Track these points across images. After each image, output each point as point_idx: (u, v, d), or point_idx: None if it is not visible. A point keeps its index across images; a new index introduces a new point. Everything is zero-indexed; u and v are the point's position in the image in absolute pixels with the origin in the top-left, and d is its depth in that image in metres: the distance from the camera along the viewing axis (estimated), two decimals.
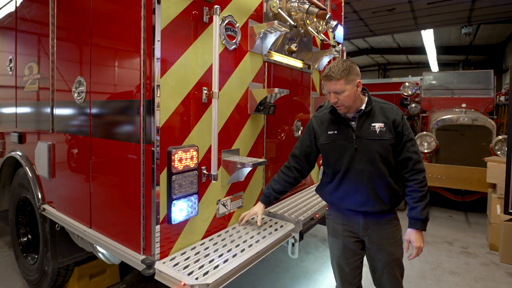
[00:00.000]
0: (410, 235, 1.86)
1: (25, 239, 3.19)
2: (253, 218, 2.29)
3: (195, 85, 1.87)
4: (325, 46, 3.34)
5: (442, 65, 16.57)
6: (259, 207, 2.20)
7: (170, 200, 1.73)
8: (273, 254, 3.88)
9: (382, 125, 1.82)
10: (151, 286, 3.15)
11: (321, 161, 3.56)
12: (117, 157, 1.90)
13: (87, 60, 2.06)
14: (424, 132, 5.27)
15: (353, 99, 1.82)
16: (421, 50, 13.84)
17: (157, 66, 1.63)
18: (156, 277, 1.66)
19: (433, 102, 6.32)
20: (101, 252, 2.21)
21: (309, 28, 2.74)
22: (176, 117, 1.77)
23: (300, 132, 3.04)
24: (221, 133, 2.07)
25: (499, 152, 4.67)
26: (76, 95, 2.13)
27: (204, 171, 1.95)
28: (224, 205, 2.16)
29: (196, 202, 1.87)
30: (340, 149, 1.90)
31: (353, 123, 1.88)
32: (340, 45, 3.56)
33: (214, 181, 1.91)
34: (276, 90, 2.20)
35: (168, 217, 1.74)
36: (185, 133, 1.84)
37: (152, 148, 1.66)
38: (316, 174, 3.48)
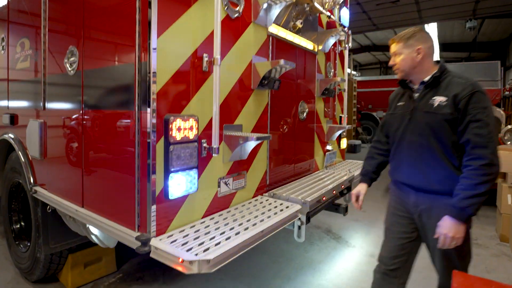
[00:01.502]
0: (442, 220, 1.68)
1: (18, 226, 3.05)
2: (261, 203, 2.16)
3: (195, 51, 1.74)
4: (331, 27, 3.21)
5: (444, 62, 16.37)
6: (361, 186, 2.15)
7: (167, 173, 1.60)
8: (276, 245, 3.76)
9: (443, 99, 1.71)
10: (148, 276, 3.02)
11: (327, 147, 3.44)
12: (110, 129, 1.77)
13: (79, 28, 1.93)
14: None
15: (410, 65, 1.79)
16: None
17: (153, 26, 1.50)
18: (151, 255, 1.53)
19: None
20: (94, 234, 2.08)
21: (315, 3, 2.61)
22: (174, 84, 1.64)
23: (305, 114, 2.91)
24: (222, 106, 1.93)
25: (508, 142, 4.56)
26: (68, 66, 2.00)
27: (205, 145, 1.81)
28: (226, 183, 2.02)
29: (196, 178, 1.73)
30: (399, 119, 1.90)
31: (416, 94, 1.84)
32: (345, 29, 3.43)
33: (215, 155, 1.78)
34: (282, 61, 2.06)
35: (165, 192, 1.61)
36: (184, 101, 1.71)
37: (148, 115, 1.53)
38: (321, 160, 3.34)
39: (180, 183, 1.65)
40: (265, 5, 2.17)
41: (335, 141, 3.63)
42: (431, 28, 10.94)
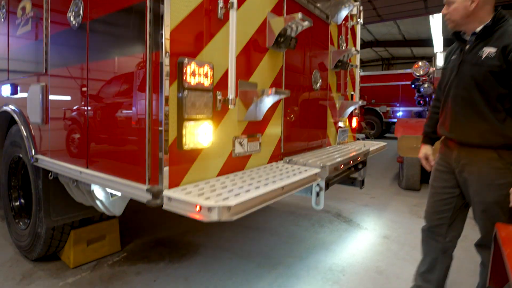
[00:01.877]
0: None
1: (18, 203, 2.92)
2: (277, 167, 2.04)
3: None
4: None
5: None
6: (426, 148, 2.15)
7: (181, 120, 1.47)
8: (285, 227, 3.62)
9: (493, 50, 1.63)
10: (154, 255, 2.88)
11: (339, 123, 3.32)
12: (119, 77, 1.64)
13: None
14: None
15: (462, 15, 1.71)
16: (426, 42, 13.61)
17: None
18: (164, 207, 1.40)
19: None
20: (100, 199, 1.95)
21: None
22: (188, 26, 1.52)
23: (318, 84, 2.78)
24: (237, 60, 1.80)
25: None
26: (72, 19, 1.87)
27: (219, 97, 1.69)
28: (240, 144, 1.90)
29: (210, 131, 1.61)
30: (449, 73, 1.87)
31: (467, 47, 1.77)
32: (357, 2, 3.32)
33: (231, 106, 1.65)
34: (299, 15, 1.93)
35: (178, 141, 1.48)
36: (198, 47, 1.59)
37: (161, 55, 1.40)
38: (333, 136, 3.22)
39: (194, 134, 1.52)
40: None
41: (346, 119, 3.51)
42: (437, 21, 10.82)
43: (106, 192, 1.93)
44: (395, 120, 12.76)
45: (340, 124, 3.32)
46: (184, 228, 3.51)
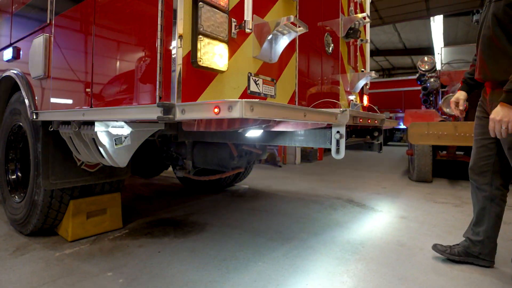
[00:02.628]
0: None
1: (14, 176, 2.76)
2: None
3: None
4: None
5: None
6: (460, 93, 2.20)
7: (195, 34, 1.35)
8: (295, 209, 3.42)
9: None
10: (158, 231, 2.69)
11: (350, 96, 3.20)
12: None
13: None
14: (450, 94, 4.94)
15: None
16: (427, 50, 13.74)
17: None
18: (177, 118, 1.25)
19: (453, 76, 6.04)
20: (103, 145, 1.79)
21: None
22: None
23: (330, 48, 2.69)
24: None
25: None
26: None
27: (235, 23, 1.58)
28: (255, 82, 1.77)
29: (226, 53, 1.49)
30: (482, 15, 1.94)
31: None
32: None
33: (248, 30, 1.54)
34: None
35: (192, 55, 1.36)
36: None
37: None
38: (346, 106, 3.08)
39: (209, 51, 1.40)
40: None
41: (357, 95, 3.40)
42: (438, 24, 10.92)
43: (110, 136, 1.78)
44: (399, 126, 12.71)
45: (352, 97, 3.20)
46: (188, 211, 3.32)
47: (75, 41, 1.92)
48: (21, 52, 2.43)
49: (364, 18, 2.87)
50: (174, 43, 1.32)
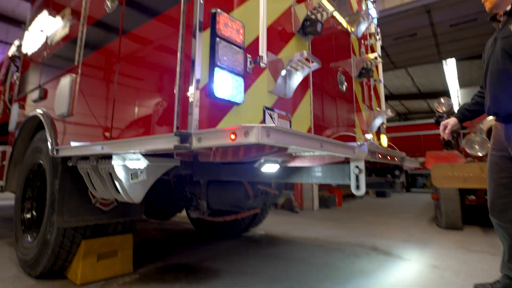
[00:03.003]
0: None
1: (29, 215, 2.75)
2: None
3: None
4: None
5: None
6: (452, 119, 2.38)
7: (212, 67, 1.40)
8: (315, 256, 3.16)
9: None
10: (169, 277, 2.54)
11: (367, 135, 3.15)
12: (152, 37, 1.64)
13: None
14: (472, 134, 4.78)
15: None
16: (442, 94, 13.71)
17: None
18: (194, 146, 1.23)
19: None
20: (120, 180, 1.77)
21: None
22: None
23: (344, 87, 2.72)
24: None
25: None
26: (109, 3, 1.98)
27: (250, 59, 1.63)
28: (271, 116, 1.77)
29: (242, 86, 1.52)
30: (488, 52, 2.04)
31: (500, 25, 2.00)
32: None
33: (263, 65, 1.57)
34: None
35: (209, 88, 1.39)
36: (230, 7, 1.59)
37: (195, 4, 1.40)
38: None
39: (226, 84, 1.43)
40: None
41: (375, 134, 3.34)
42: (451, 67, 11.02)
43: (126, 170, 1.77)
44: (420, 172, 12.26)
45: (369, 136, 3.15)
46: (201, 256, 3.16)
47: (98, 81, 2.02)
48: (48, 93, 2.58)
49: (376, 58, 2.93)
50: (191, 77, 1.36)
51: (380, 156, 2.11)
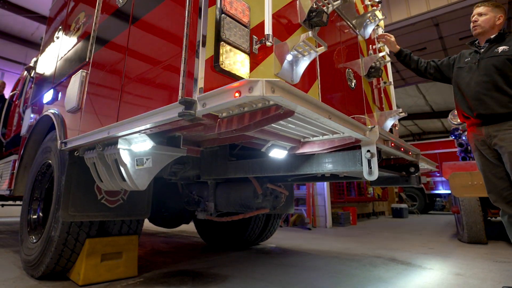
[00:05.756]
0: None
1: (35, 216, 2.72)
2: None
3: None
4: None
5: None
6: (395, 44, 2.92)
7: (218, 40, 1.40)
8: (330, 265, 2.97)
9: (506, 47, 2.26)
10: (175, 281, 2.42)
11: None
12: (159, 20, 1.67)
13: None
14: None
15: (490, 25, 2.38)
16: None
17: None
18: (198, 113, 1.20)
19: None
20: (125, 165, 1.74)
21: None
22: None
23: (353, 84, 2.68)
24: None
25: None
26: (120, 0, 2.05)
27: (256, 40, 1.63)
28: None
29: (247, 62, 1.50)
30: (467, 69, 2.42)
31: (482, 50, 2.40)
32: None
33: (268, 44, 1.56)
34: None
35: (215, 59, 1.38)
36: None
37: None
38: None
39: (231, 58, 1.42)
40: None
41: None
42: None
43: (132, 156, 1.75)
44: (438, 191, 11.76)
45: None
46: (209, 264, 3.03)
47: (107, 72, 2.05)
48: (59, 94, 2.64)
49: (384, 57, 2.91)
50: (197, 47, 1.36)
51: (393, 145, 2.02)
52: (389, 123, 3.13)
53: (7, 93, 5.56)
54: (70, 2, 3.07)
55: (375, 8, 3.21)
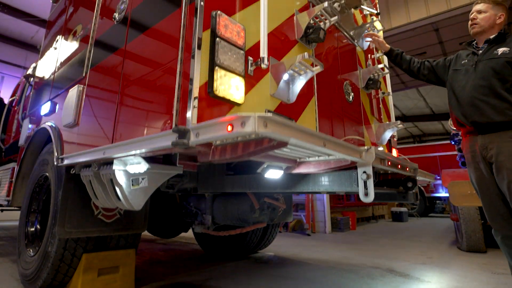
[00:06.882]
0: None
1: (33, 229, 2.72)
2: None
3: None
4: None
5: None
6: (384, 44, 2.72)
7: (212, 65, 1.39)
8: (327, 278, 2.94)
9: (507, 49, 2.06)
10: None
11: (378, 148, 3.05)
12: (154, 43, 1.66)
13: None
14: None
15: (489, 24, 2.17)
16: None
17: None
18: (191, 143, 1.20)
19: None
20: (121, 186, 1.74)
21: None
22: None
23: (351, 97, 2.68)
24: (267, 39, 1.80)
25: None
26: (116, 14, 2.04)
27: (251, 61, 1.62)
28: None
29: (242, 86, 1.50)
30: (464, 72, 2.21)
31: (480, 51, 2.19)
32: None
33: (264, 66, 1.56)
34: (325, 4, 1.98)
35: (209, 85, 1.37)
36: (232, 10, 1.61)
37: (196, 3, 1.42)
38: None
39: (225, 82, 1.41)
40: None
41: (385, 147, 3.24)
42: None
43: (127, 176, 1.74)
44: (439, 194, 11.75)
45: (379, 149, 3.04)
46: (207, 275, 3.03)
47: (103, 90, 2.05)
48: (57, 106, 2.64)
49: (383, 69, 2.90)
50: (191, 74, 1.35)
51: (390, 164, 2.01)
52: (388, 134, 3.12)
53: (5, 96, 5.57)
54: (68, 13, 3.07)
55: (374, 18, 3.20)
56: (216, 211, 2.74)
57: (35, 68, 3.87)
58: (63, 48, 2.91)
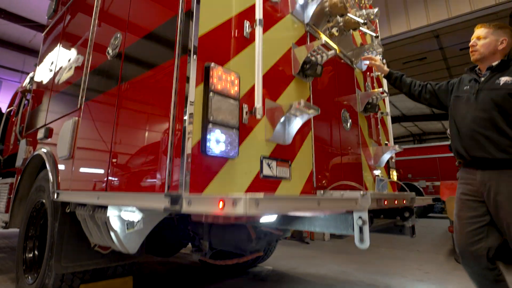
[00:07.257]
0: None
1: (31, 255, 2.73)
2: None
3: (237, 15, 1.70)
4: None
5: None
6: (382, 66, 2.66)
7: (206, 123, 1.38)
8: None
9: (509, 79, 1.93)
10: None
11: (376, 172, 3.04)
12: (146, 91, 1.64)
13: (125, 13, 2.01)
14: None
15: (490, 50, 2.05)
16: None
17: None
18: (183, 210, 1.19)
19: None
20: (115, 231, 1.74)
21: (349, 14, 2.63)
22: (215, 38, 1.55)
23: (348, 124, 2.66)
24: (263, 81, 1.77)
25: None
26: (110, 50, 2.02)
27: (246, 110, 1.60)
28: (269, 165, 1.71)
29: (237, 140, 1.48)
30: (465, 100, 2.09)
31: (482, 79, 2.06)
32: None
33: (258, 116, 1.54)
34: (323, 40, 1.95)
35: (202, 144, 1.36)
36: (225, 58, 1.59)
37: (189, 57, 1.40)
38: (371, 186, 2.91)
39: (219, 140, 1.40)
40: (301, 1, 2.21)
41: (383, 169, 3.23)
42: None
43: (122, 221, 1.74)
44: (438, 196, 11.75)
45: (377, 172, 3.04)
46: None
47: (97, 127, 2.03)
48: (52, 133, 2.62)
49: (382, 93, 2.87)
50: (184, 133, 1.34)
51: (386, 203, 2.00)
52: (386, 157, 3.11)
53: (3, 101, 5.56)
54: (63, 42, 3.03)
55: (373, 36, 3.16)
56: (213, 237, 2.74)
57: (32, 79, 3.85)
58: (58, 72, 2.89)
